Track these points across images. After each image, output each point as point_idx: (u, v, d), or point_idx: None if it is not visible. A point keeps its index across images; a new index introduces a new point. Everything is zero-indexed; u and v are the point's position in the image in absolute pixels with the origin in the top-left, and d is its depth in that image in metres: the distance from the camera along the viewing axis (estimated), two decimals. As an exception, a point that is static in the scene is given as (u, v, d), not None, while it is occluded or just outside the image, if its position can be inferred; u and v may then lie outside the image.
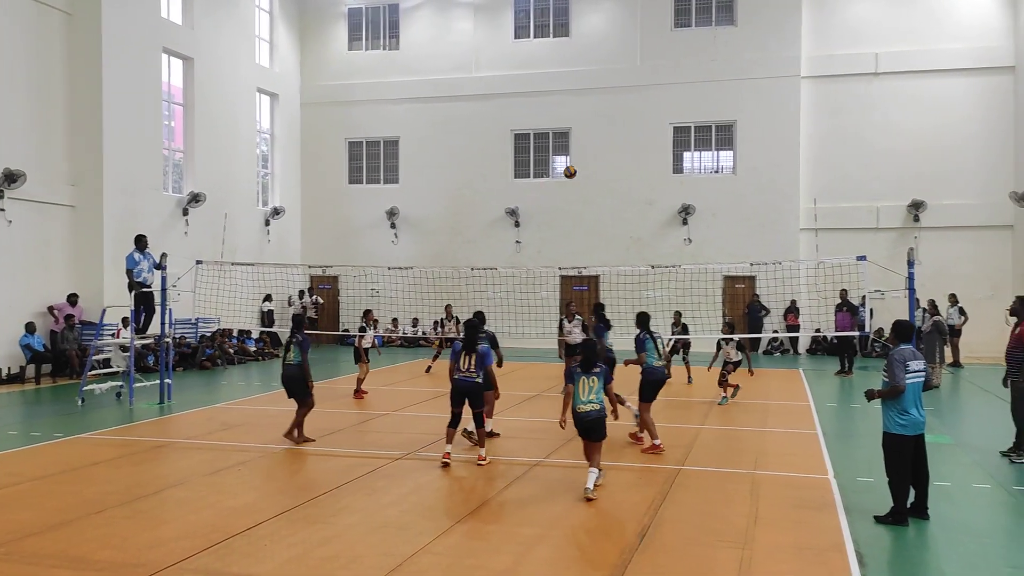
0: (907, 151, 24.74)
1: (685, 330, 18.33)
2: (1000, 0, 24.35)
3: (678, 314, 18.64)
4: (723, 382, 15.43)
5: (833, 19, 25.45)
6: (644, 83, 26.34)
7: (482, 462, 9.96)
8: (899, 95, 24.93)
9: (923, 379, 7.85)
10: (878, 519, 7.76)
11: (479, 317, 12.01)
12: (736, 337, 15.60)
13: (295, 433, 11.31)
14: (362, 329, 16.44)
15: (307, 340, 11.45)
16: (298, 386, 11.26)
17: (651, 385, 11.03)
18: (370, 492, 8.81)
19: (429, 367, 19.85)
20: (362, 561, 6.72)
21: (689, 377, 18.06)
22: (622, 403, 11.02)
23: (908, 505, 7.74)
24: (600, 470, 8.65)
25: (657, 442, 10.76)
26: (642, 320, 11.40)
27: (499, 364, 12.20)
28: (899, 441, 7.73)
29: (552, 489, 8.85)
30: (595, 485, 8.50)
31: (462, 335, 10.29)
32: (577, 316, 15.98)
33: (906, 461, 7.73)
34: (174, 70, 23.39)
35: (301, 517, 7.88)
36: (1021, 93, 23.68)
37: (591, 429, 8.59)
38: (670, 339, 18.03)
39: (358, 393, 15.75)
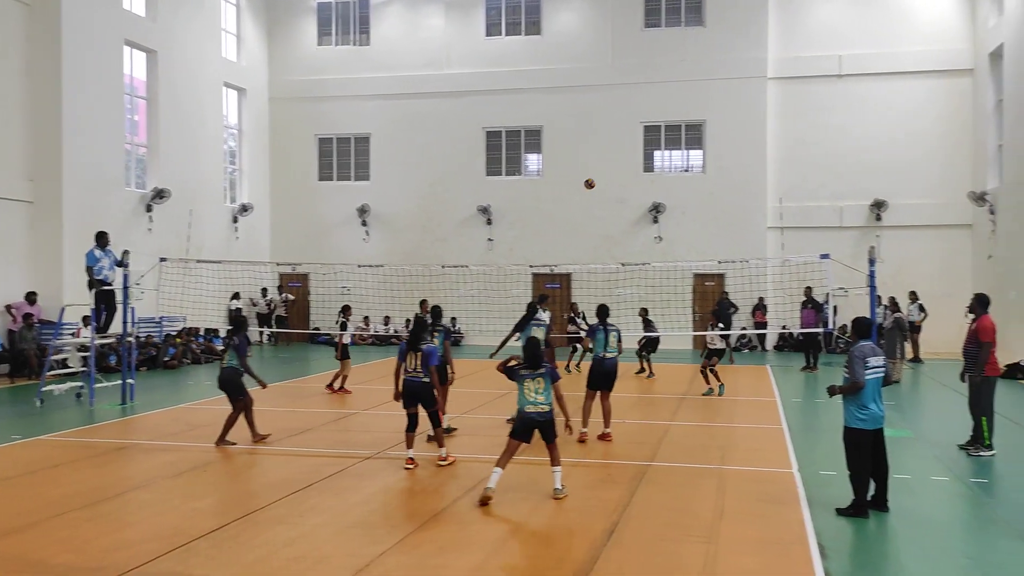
0: (870, 151, 25.12)
1: (650, 326, 18.45)
2: (959, 4, 24.81)
3: (644, 311, 18.75)
4: (706, 371, 15.67)
5: (798, 22, 25.75)
6: (615, 82, 26.45)
7: (443, 462, 9.79)
8: (862, 97, 25.30)
9: (882, 375, 8.00)
10: (840, 511, 7.89)
11: (435, 312, 12.00)
12: (717, 329, 16.01)
13: (253, 432, 11.19)
14: (343, 326, 16.28)
15: (244, 343, 11.16)
16: (232, 387, 11.06)
17: (594, 374, 11.39)
18: (338, 492, 8.74)
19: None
20: (329, 562, 6.67)
21: (650, 371, 18.34)
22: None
23: (869, 498, 7.88)
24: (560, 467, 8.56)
25: (584, 430, 11.16)
26: (600, 311, 11.79)
27: (447, 373, 11.47)
28: (859, 435, 7.87)
29: (520, 487, 8.85)
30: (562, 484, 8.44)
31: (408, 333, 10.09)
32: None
33: (866, 455, 7.86)
34: (137, 63, 23.02)
35: (267, 518, 7.80)
36: (980, 95, 24.13)
37: (543, 430, 8.41)
38: (643, 337, 18.19)
39: (342, 390, 15.76)
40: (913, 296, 22.36)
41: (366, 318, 26.81)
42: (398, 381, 9.90)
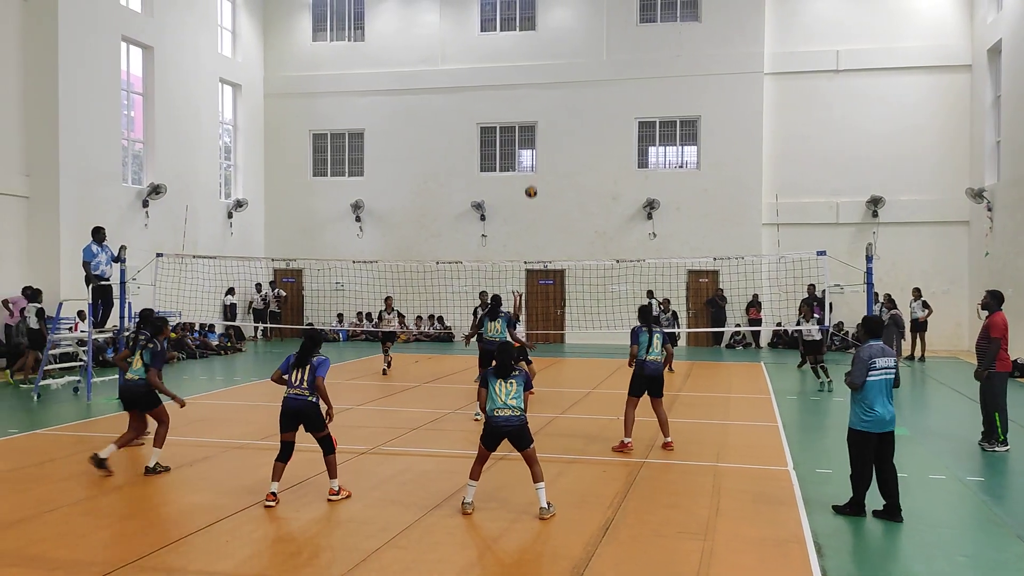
0: (866, 147, 25.15)
1: (675, 318, 18.14)
2: (958, 0, 24.83)
3: (666, 301, 18.38)
4: (816, 368, 16.58)
5: (795, 16, 25.75)
6: (610, 78, 26.44)
7: (334, 496, 8.20)
8: (859, 92, 25.32)
9: (892, 376, 7.85)
10: (837, 509, 7.91)
11: (496, 301, 12.19)
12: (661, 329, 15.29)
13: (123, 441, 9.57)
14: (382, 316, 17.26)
15: (162, 350, 9.50)
16: (143, 402, 9.36)
17: (637, 380, 10.64)
18: (334, 487, 8.74)
19: (384, 370, 18.43)
20: (325, 556, 6.68)
21: (669, 367, 18.10)
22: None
23: (881, 508, 7.82)
24: (543, 482, 7.76)
25: (627, 440, 10.61)
26: (642, 312, 11.05)
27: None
28: (861, 437, 7.84)
29: (516, 484, 8.85)
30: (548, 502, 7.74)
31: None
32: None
33: (867, 456, 7.83)
34: (133, 59, 22.95)
35: (263, 513, 7.80)
36: (977, 91, 24.18)
37: (513, 438, 7.76)
38: (678, 332, 17.82)
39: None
40: (917, 293, 22.33)
41: (359, 314, 26.84)
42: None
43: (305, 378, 8.13)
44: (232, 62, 27.28)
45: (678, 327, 18.26)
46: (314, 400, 8.16)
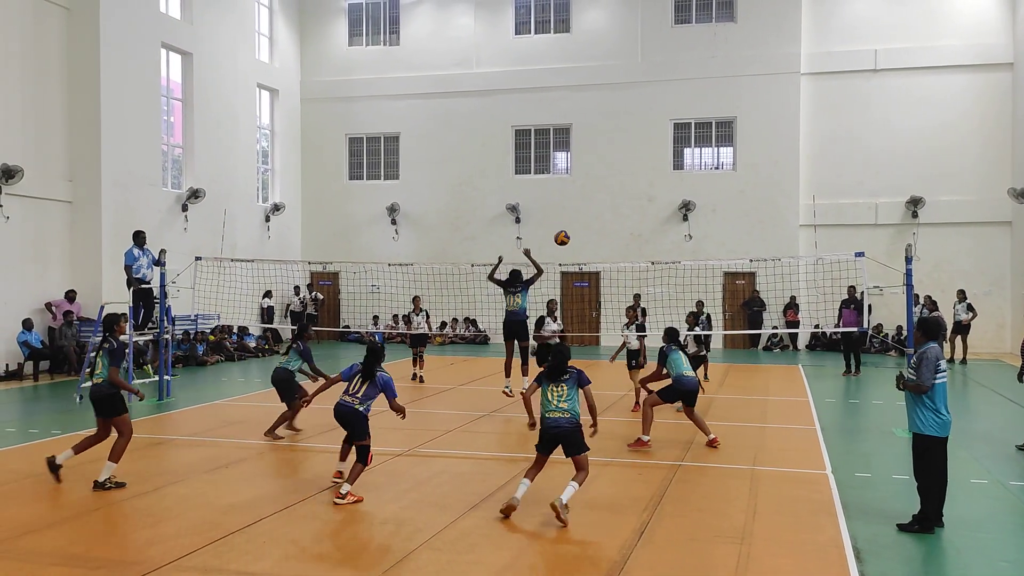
0: (906, 147, 24.74)
1: (708, 321, 17.84)
2: (1000, -4, 24.36)
3: (700, 303, 17.91)
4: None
5: (832, 16, 25.43)
6: (644, 79, 26.33)
7: (339, 500, 8.13)
8: (898, 92, 24.92)
9: (946, 379, 7.54)
10: (901, 527, 7.46)
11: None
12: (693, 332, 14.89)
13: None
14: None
15: (119, 347, 8.92)
16: (107, 406, 8.88)
17: (674, 392, 10.86)
18: (370, 488, 8.80)
19: (415, 374, 17.94)
20: (361, 557, 6.73)
21: (705, 374, 17.87)
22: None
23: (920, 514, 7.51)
24: (578, 485, 7.66)
25: (645, 438, 10.65)
26: (669, 334, 11.29)
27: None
28: (932, 442, 7.42)
29: (552, 485, 8.84)
30: (566, 503, 7.50)
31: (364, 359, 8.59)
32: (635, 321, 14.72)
33: (941, 464, 7.44)
34: (173, 65, 23.36)
35: (300, 514, 7.89)
36: (1019, 89, 23.66)
37: (565, 443, 7.69)
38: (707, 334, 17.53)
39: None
40: (961, 295, 21.91)
41: (395, 316, 26.99)
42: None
43: (363, 390, 8.44)
44: (269, 68, 27.64)
45: (710, 330, 18.07)
46: (361, 410, 8.41)
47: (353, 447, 8.67)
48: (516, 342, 13.21)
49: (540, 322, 14.58)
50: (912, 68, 24.81)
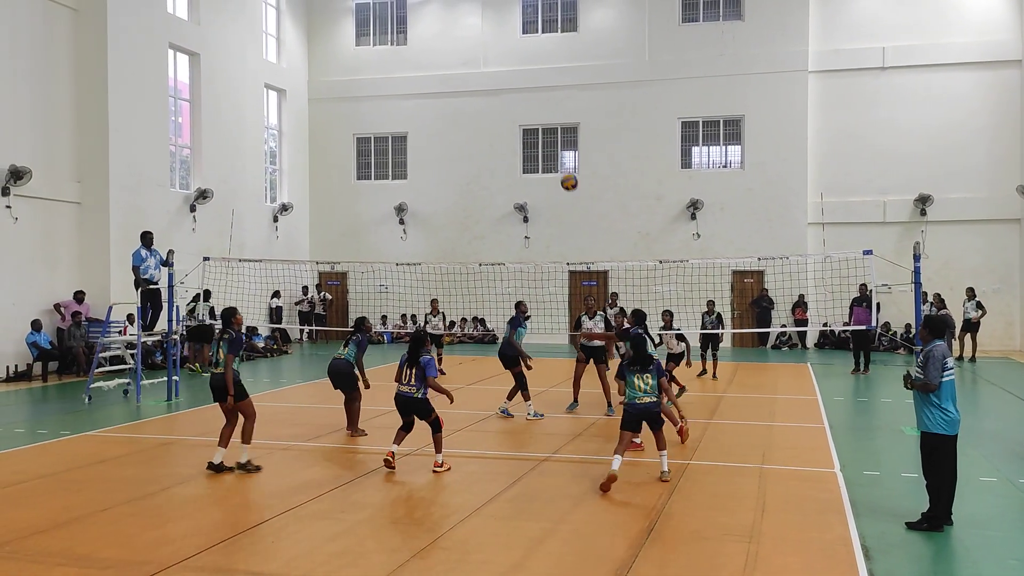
0: (914, 145, 24.63)
1: (720, 320, 17.88)
2: (1009, -7, 24.22)
3: (711, 303, 18.12)
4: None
5: (840, 14, 25.34)
6: (652, 78, 26.29)
7: (438, 468, 9.35)
8: (906, 89, 24.83)
9: (954, 377, 7.50)
10: (910, 526, 7.43)
11: (638, 317, 11.87)
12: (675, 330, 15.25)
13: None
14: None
15: (237, 338, 9.51)
16: (229, 392, 9.43)
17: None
18: (380, 488, 8.82)
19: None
20: (370, 557, 6.73)
21: (714, 373, 17.82)
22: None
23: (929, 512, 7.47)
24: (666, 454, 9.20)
25: (635, 440, 10.29)
26: (637, 316, 11.93)
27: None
28: (942, 441, 7.39)
29: (560, 484, 8.84)
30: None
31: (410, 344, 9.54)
32: (599, 312, 14.73)
33: (951, 462, 7.41)
34: (180, 66, 23.43)
35: (309, 513, 7.89)
36: (1030, 86, 23.53)
37: (650, 420, 9.05)
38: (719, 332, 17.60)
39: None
40: (971, 293, 21.80)
41: (403, 316, 27.03)
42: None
43: (414, 374, 9.36)
44: (277, 68, 27.70)
45: (723, 329, 18.03)
46: (420, 396, 9.36)
47: (409, 433, 9.57)
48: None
49: (578, 323, 14.41)
50: (920, 65, 24.71)
